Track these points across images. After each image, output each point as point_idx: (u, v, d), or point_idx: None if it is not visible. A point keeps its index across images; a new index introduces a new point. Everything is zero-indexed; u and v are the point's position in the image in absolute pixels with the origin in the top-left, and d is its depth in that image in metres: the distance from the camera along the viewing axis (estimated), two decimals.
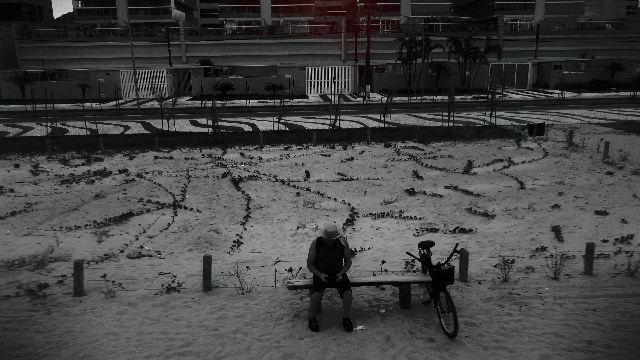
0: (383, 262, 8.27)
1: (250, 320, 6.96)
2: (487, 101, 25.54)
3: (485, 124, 24.68)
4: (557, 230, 10.20)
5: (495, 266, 8.36)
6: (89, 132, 23.86)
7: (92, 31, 57.85)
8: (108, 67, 52.56)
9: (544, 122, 21.65)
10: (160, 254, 9.57)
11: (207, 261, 7.96)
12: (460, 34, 56.73)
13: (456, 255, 7.62)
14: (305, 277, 7.67)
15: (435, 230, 10.47)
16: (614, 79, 49.98)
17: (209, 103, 37.27)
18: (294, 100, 40.01)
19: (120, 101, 42.61)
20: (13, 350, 6.31)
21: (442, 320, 6.62)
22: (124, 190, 13.83)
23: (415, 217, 11.39)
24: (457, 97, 41.66)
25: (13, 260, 9.14)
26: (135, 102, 40.29)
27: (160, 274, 8.57)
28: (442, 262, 6.80)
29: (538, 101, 38.78)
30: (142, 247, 9.85)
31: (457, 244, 7.71)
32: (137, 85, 40.99)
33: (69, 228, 10.95)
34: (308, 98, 44.89)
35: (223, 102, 40.58)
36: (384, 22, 64.59)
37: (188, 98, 45.97)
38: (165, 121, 24.68)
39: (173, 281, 8.10)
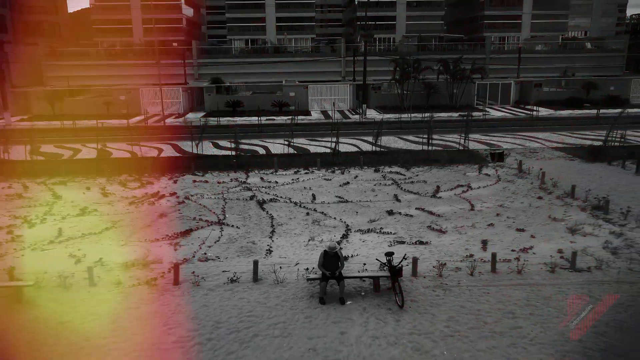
0: (364, 264, 13.20)
1: (285, 298, 11.87)
2: (467, 120, 30.25)
3: (460, 147, 29.60)
4: (484, 242, 15.08)
5: (434, 267, 13.28)
6: (130, 155, 28.80)
7: (112, 50, 62.73)
8: (126, 83, 57.50)
9: (504, 151, 26.55)
10: (219, 258, 14.47)
11: (255, 263, 12.90)
12: (450, 52, 61.86)
13: (405, 260, 12.48)
14: (315, 274, 12.56)
15: (402, 242, 15.36)
16: (589, 97, 54.82)
17: (222, 120, 42.18)
18: (298, 117, 45.15)
19: (139, 118, 47.65)
20: (148, 314, 11.22)
21: (396, 298, 11.53)
22: (179, 210, 18.75)
23: (391, 232, 16.28)
24: (444, 115, 46.83)
25: (125, 262, 14.04)
26: (156, 117, 45.20)
27: (223, 271, 13.48)
28: (396, 264, 11.72)
29: (515, 120, 43.65)
30: (205, 253, 14.75)
31: (405, 254, 12.68)
32: (162, 102, 45.89)
33: (151, 240, 15.85)
34: (310, 114, 49.77)
35: (235, 119, 45.48)
36: (381, 40, 69.59)
37: (202, 114, 50.84)
38: (192, 143, 29.51)
39: (233, 276, 13.01)
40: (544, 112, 49.55)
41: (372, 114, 49.19)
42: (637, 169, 23.09)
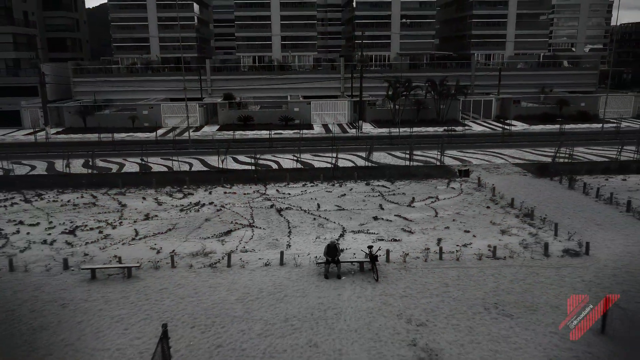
0: (354, 254, 19.69)
1: (302, 275, 18.37)
2: (442, 141, 36.70)
3: (437, 162, 36.10)
4: (439, 240, 21.55)
5: (400, 256, 19.77)
6: (167, 169, 35.30)
7: (133, 67, 69.25)
8: (146, 97, 64.06)
9: (469, 168, 33.03)
10: (254, 250, 20.94)
11: (282, 253, 19.42)
12: (440, 70, 68.44)
13: (380, 251, 18.93)
14: (321, 259, 19.01)
15: (382, 239, 21.82)
16: (562, 112, 61.29)
17: (236, 133, 48.57)
18: (303, 131, 51.69)
19: (162, 131, 54.18)
20: (216, 284, 17.74)
21: (374, 275, 18.03)
22: (219, 216, 25.23)
23: (375, 232, 22.73)
24: (431, 129, 53.37)
25: (190, 253, 20.50)
26: (175, 129, 51.67)
27: (259, 259, 19.95)
28: (374, 254, 18.22)
29: (490, 135, 50.10)
30: (245, 248, 21.22)
31: (379, 247, 19.21)
32: (188, 117, 52.40)
33: (203, 238, 22.32)
34: (313, 128, 56.27)
35: (247, 133, 51.97)
36: (376, 57, 76.14)
37: (217, 128, 57.31)
38: (217, 158, 35.96)
39: (266, 261, 19.49)
40: (520, 127, 56.16)
41: (367, 128, 55.73)
42: (570, 184, 29.58)
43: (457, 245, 20.98)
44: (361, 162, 37.20)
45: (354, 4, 76.52)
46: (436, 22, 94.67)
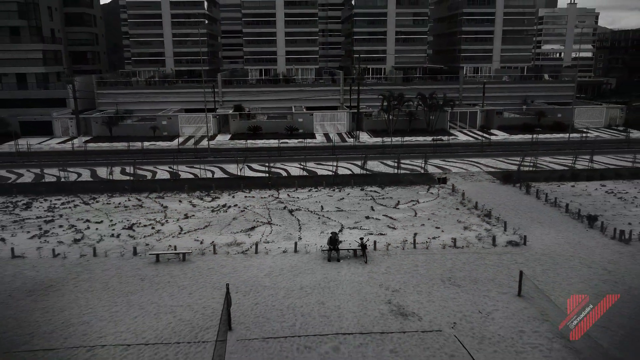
0: (350, 243, 26.30)
1: (311, 259, 25.00)
2: (425, 153, 43.22)
3: (422, 171, 42.69)
4: (415, 234, 28.13)
5: (384, 246, 26.39)
6: (193, 176, 41.89)
7: (151, 80, 75.87)
8: (164, 108, 70.60)
9: (446, 177, 39.60)
10: (274, 241, 27.53)
11: (295, 244, 26.06)
12: (431, 83, 75.07)
13: (368, 242, 25.54)
14: (325, 247, 25.60)
15: (371, 234, 28.40)
16: (540, 123, 67.82)
17: (246, 142, 55.11)
18: (306, 140, 58.31)
19: (181, 139, 60.76)
20: (248, 265, 24.37)
21: (364, 259, 24.67)
22: (243, 215, 31.81)
23: (366, 228, 29.30)
24: (421, 139, 59.97)
25: (225, 243, 27.09)
26: (192, 138, 58.25)
27: (278, 247, 26.56)
28: (364, 243, 24.85)
29: (472, 145, 56.67)
30: (266, 239, 27.81)
31: (368, 239, 25.84)
32: (207, 126, 58.99)
33: (233, 232, 28.90)
34: (315, 138, 62.83)
35: (256, 142, 58.53)
36: (373, 70, 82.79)
37: (229, 137, 63.88)
38: (236, 166, 42.50)
39: (284, 249, 26.10)
40: (501, 136, 62.80)
41: (364, 137, 62.36)
42: (526, 190, 36.16)
43: (428, 238, 27.56)
44: (357, 170, 43.77)
45: (353, 21, 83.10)
46: (430, 35, 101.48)
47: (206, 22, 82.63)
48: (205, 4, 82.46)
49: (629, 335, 18.03)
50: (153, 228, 29.73)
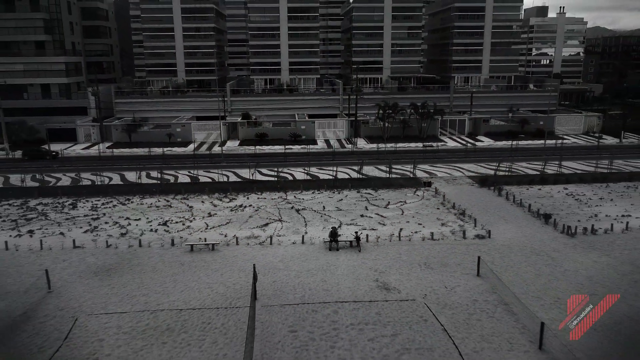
0: (347, 236, 32.35)
1: (315, 249, 31.08)
2: (415, 159, 49.20)
3: (411, 175, 48.69)
4: (400, 229, 34.15)
5: (375, 239, 32.44)
6: (211, 180, 47.93)
7: (164, 90, 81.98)
8: (177, 116, 76.62)
9: (430, 180, 45.62)
10: (285, 235, 33.57)
11: (303, 237, 32.13)
12: (423, 92, 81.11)
13: (361, 235, 31.60)
14: (327, 239, 31.63)
15: (365, 229, 34.43)
16: (524, 130, 73.80)
17: (252, 148, 61.10)
18: (309, 146, 64.35)
19: (192, 146, 66.79)
20: (265, 253, 30.47)
21: (358, 248, 30.75)
22: (258, 214, 37.85)
23: (360, 225, 35.32)
24: (412, 145, 66.00)
25: (245, 237, 33.13)
26: (203, 144, 64.23)
27: (289, 240, 32.60)
28: (358, 236, 30.92)
29: (460, 150, 62.72)
30: (278, 233, 33.85)
31: (361, 233, 31.94)
32: (219, 133, 65.04)
33: (251, 227, 34.94)
34: (317, 144, 68.85)
35: (263, 148, 64.55)
36: (371, 80, 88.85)
37: (237, 143, 69.90)
38: (248, 171, 48.49)
39: (294, 241, 32.15)
40: (486, 142, 68.82)
41: (361, 143, 68.41)
42: (499, 192, 42.20)
43: (411, 232, 33.60)
44: (355, 175, 49.82)
45: (352, 34, 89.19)
46: (425, 44, 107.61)
47: (214, 34, 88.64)
48: (214, 17, 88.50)
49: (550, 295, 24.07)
50: (183, 224, 35.77)
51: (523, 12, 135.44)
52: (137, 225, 35.75)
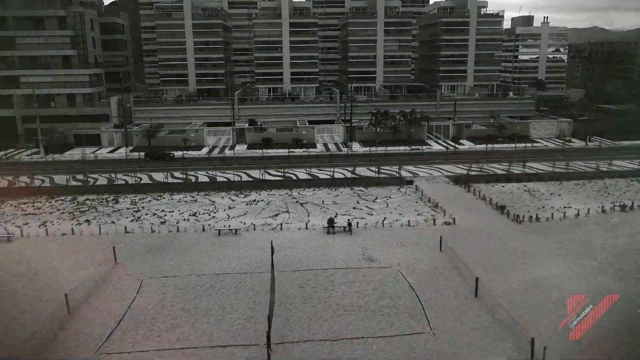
0: (341, 223, 40.87)
1: (317, 233, 39.64)
2: (399, 163, 57.63)
3: (396, 174, 57.21)
4: (384, 218, 42.65)
5: (363, 225, 40.97)
6: (226, 179, 56.44)
7: (178, 98, 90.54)
8: (189, 122, 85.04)
9: (412, 180, 54.11)
10: (292, 223, 42.05)
11: (306, 224, 40.68)
12: (412, 100, 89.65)
13: (352, 222, 40.12)
14: (325, 226, 40.11)
15: (355, 218, 42.92)
16: (502, 134, 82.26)
17: (259, 151, 69.65)
18: (309, 149, 72.88)
19: (207, 149, 75.24)
20: (277, 236, 39.04)
21: (350, 232, 39.29)
22: (270, 207, 46.33)
23: (352, 215, 43.81)
24: (401, 148, 74.56)
25: (260, 224, 41.62)
26: (215, 148, 72.62)
27: (295, 226, 41.11)
28: (350, 223, 39.47)
29: (443, 153, 71.25)
30: (287, 222, 42.34)
31: (352, 220, 40.51)
32: (230, 137, 73.60)
33: (264, 217, 43.43)
34: (316, 147, 77.33)
35: (269, 151, 73.01)
36: (364, 88, 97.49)
37: (245, 147, 78.32)
38: (258, 172, 56.92)
39: (299, 228, 40.67)
40: (467, 145, 77.36)
41: (356, 147, 76.95)
42: (468, 189, 50.74)
43: (393, 220, 42.11)
44: (349, 175, 58.33)
45: (348, 47, 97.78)
46: (416, 54, 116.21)
47: (223, 47, 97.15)
48: (222, 32, 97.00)
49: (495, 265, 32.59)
50: (209, 215, 44.24)
51: (511, 22, 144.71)
52: (172, 216, 44.21)
